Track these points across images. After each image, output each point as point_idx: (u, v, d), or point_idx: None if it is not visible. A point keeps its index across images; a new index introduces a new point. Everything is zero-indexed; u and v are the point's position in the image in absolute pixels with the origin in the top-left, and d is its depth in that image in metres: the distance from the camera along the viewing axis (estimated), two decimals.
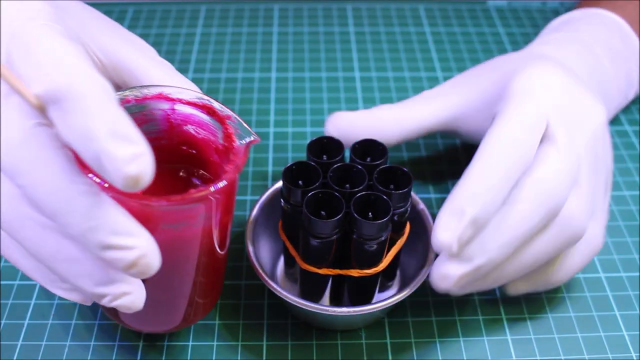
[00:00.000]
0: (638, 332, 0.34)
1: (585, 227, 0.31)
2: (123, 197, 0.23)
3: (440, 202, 0.41)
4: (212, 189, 0.24)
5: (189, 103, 0.28)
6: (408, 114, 0.37)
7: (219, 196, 0.25)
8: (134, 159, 0.19)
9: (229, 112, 0.28)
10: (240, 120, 0.27)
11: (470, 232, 0.28)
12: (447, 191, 0.42)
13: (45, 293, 0.35)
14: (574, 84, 0.34)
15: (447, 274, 0.29)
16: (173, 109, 0.28)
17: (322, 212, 0.29)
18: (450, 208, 0.28)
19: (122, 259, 0.22)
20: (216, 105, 0.28)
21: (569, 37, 0.42)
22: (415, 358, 0.33)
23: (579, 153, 0.31)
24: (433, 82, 0.52)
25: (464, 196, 0.28)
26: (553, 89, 0.33)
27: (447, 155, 0.45)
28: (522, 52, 0.40)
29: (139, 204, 0.23)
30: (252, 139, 0.27)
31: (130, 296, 0.24)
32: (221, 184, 0.24)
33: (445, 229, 0.27)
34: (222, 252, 0.29)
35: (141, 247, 0.22)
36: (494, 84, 0.35)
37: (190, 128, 0.28)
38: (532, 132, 0.30)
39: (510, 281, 0.32)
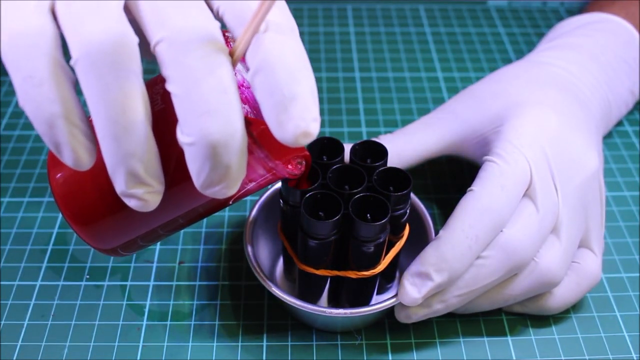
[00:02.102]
0: (638, 333, 0.34)
1: (561, 277, 0.32)
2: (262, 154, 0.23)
3: (441, 203, 0.41)
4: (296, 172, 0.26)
5: None
6: (407, 145, 0.38)
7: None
8: (316, 120, 0.21)
9: None
10: None
11: (435, 291, 0.31)
12: (448, 192, 0.42)
13: (45, 294, 0.35)
14: (568, 130, 0.34)
15: (409, 315, 0.32)
16: (245, 87, 0.28)
17: (321, 213, 0.29)
18: (419, 270, 0.30)
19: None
20: None
21: (574, 43, 0.42)
22: (415, 358, 0.33)
23: (559, 208, 0.32)
24: (433, 82, 0.52)
25: (433, 260, 0.30)
26: (544, 139, 0.33)
27: (448, 157, 0.45)
28: (526, 68, 0.40)
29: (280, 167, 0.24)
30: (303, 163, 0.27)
31: (157, 195, 0.23)
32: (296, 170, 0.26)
33: (412, 291, 0.30)
34: (213, 212, 0.30)
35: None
36: (491, 118, 0.36)
37: (246, 108, 0.27)
38: (510, 198, 0.31)
39: (483, 310, 0.34)
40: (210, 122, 0.20)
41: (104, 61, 0.20)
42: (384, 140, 0.38)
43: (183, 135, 0.21)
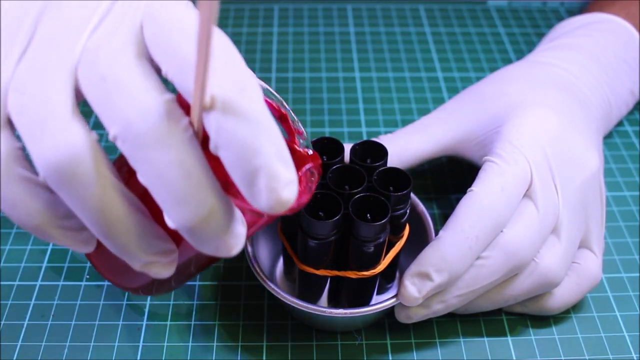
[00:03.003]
0: (638, 333, 0.34)
1: (561, 278, 0.32)
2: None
3: (441, 204, 0.41)
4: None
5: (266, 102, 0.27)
6: (407, 145, 0.38)
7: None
8: (289, 184, 0.20)
9: (301, 128, 0.26)
10: (308, 138, 0.26)
11: (435, 292, 0.31)
12: (448, 192, 0.42)
13: (45, 294, 0.35)
14: (569, 131, 0.34)
15: (409, 316, 0.32)
16: None
17: (321, 213, 0.29)
18: (419, 270, 0.30)
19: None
20: (290, 114, 0.26)
21: (575, 43, 0.42)
22: (415, 358, 0.33)
23: (559, 209, 0.32)
24: (433, 82, 0.52)
25: (433, 260, 0.30)
26: (544, 140, 0.33)
27: (448, 157, 0.45)
28: (526, 68, 0.40)
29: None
30: (310, 164, 0.25)
31: (169, 265, 0.23)
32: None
33: (412, 291, 0.30)
34: None
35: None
36: (491, 118, 0.36)
37: None
38: (511, 198, 0.31)
39: (483, 310, 0.34)
40: (182, 211, 0.20)
41: (68, 178, 0.20)
42: (384, 140, 0.38)
43: (169, 221, 0.21)
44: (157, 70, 0.21)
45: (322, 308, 0.30)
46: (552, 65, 0.40)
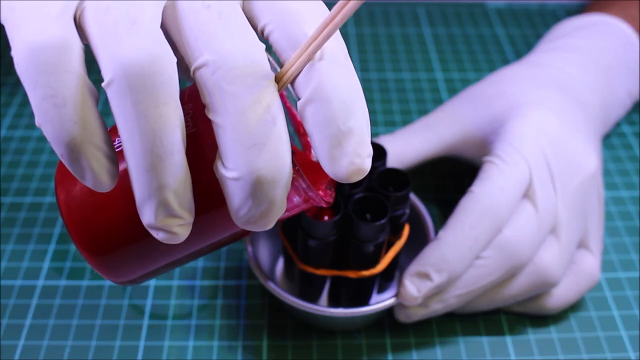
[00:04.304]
0: (637, 333, 0.34)
1: (560, 278, 0.33)
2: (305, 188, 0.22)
3: (441, 204, 0.41)
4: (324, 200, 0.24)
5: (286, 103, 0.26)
6: (406, 146, 0.38)
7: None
8: (370, 156, 0.20)
9: None
10: None
11: (434, 292, 0.31)
12: (447, 192, 0.42)
13: (47, 293, 0.35)
14: (568, 132, 0.35)
15: (408, 315, 0.32)
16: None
17: None
18: (419, 270, 0.31)
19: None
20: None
21: (574, 45, 0.42)
22: (415, 358, 0.33)
23: (558, 209, 0.32)
24: (432, 83, 0.52)
25: (433, 261, 0.31)
26: (544, 141, 0.33)
27: (447, 157, 0.45)
28: (525, 69, 0.40)
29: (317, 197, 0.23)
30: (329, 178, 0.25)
31: (187, 227, 0.20)
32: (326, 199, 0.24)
33: (412, 290, 0.31)
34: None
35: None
36: (491, 119, 0.36)
37: None
38: (510, 199, 0.31)
39: (482, 310, 0.34)
40: (258, 156, 0.18)
41: (143, 84, 0.18)
42: (383, 140, 0.38)
43: (226, 170, 0.19)
44: None
45: (322, 308, 0.31)
46: (551, 66, 0.40)
